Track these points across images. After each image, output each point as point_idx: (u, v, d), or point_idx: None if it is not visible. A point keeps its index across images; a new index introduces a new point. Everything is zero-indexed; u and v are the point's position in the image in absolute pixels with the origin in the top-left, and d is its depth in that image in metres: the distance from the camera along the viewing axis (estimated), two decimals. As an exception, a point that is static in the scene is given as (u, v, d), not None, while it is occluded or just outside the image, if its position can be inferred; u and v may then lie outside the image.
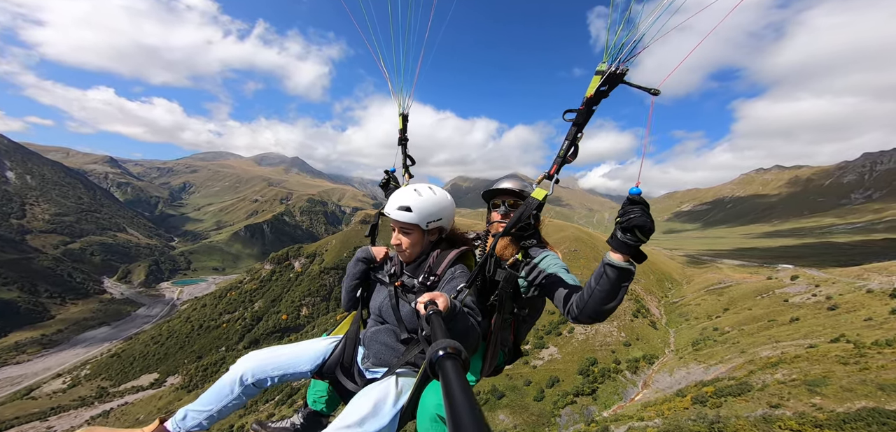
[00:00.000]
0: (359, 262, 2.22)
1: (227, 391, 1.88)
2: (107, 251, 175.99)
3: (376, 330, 2.01)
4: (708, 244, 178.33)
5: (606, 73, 1.68)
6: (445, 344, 0.97)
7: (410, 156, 3.05)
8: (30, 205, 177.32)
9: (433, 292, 1.55)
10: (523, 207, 1.88)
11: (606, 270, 1.61)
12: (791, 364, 25.44)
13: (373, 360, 1.94)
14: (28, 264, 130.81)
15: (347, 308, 2.29)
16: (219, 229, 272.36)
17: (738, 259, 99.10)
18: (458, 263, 2.03)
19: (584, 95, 1.75)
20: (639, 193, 1.55)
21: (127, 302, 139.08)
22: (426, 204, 2.00)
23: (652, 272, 76.59)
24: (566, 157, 1.81)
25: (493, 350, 2.05)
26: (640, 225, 1.50)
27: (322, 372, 2.02)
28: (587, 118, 1.76)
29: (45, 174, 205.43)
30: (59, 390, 79.38)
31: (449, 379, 0.82)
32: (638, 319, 50.65)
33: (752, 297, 48.54)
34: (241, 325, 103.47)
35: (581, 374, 41.22)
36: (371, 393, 1.66)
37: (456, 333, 1.52)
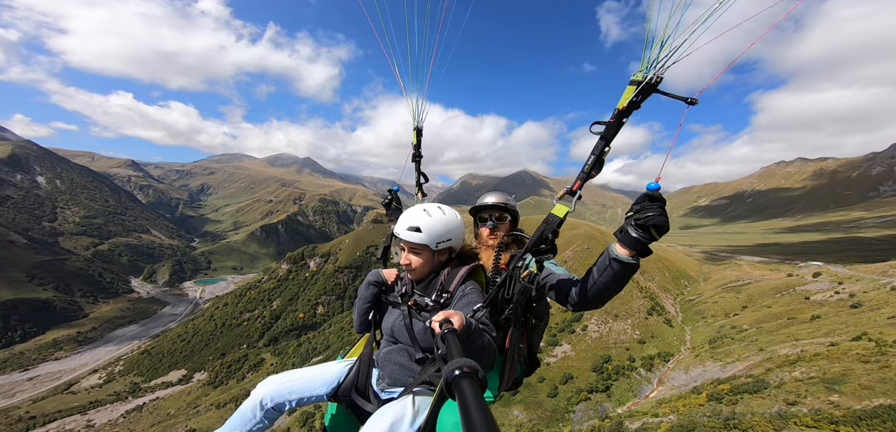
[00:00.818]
0: (370, 286, 2.25)
1: (249, 416, 1.94)
2: (133, 252, 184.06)
3: (390, 350, 2.02)
4: (726, 240, 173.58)
5: (642, 82, 1.60)
6: (462, 362, 0.97)
7: (424, 174, 2.99)
8: (61, 209, 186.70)
9: (448, 310, 1.54)
10: (544, 225, 1.85)
11: (611, 264, 1.58)
12: (810, 362, 25.32)
13: (387, 381, 1.95)
14: (61, 265, 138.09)
15: (360, 331, 2.34)
16: (236, 229, 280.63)
17: (758, 255, 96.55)
18: (470, 280, 2.07)
19: (616, 107, 1.66)
20: (658, 189, 1.50)
21: (153, 301, 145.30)
22: (436, 224, 2.04)
23: (667, 269, 75.60)
24: (590, 173, 1.76)
25: (510, 364, 2.08)
26: (657, 224, 1.45)
27: (338, 395, 2.06)
28: (617, 131, 1.69)
29: (74, 178, 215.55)
30: (96, 385, 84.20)
31: (466, 398, 0.82)
32: (652, 317, 50.41)
33: (771, 295, 47.65)
34: (261, 323, 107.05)
35: (595, 371, 41.50)
36: (387, 413, 1.64)
37: (472, 351, 1.53)
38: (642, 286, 61.30)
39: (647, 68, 1.62)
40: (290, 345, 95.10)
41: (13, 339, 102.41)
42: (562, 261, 56.35)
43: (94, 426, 65.20)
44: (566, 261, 71.48)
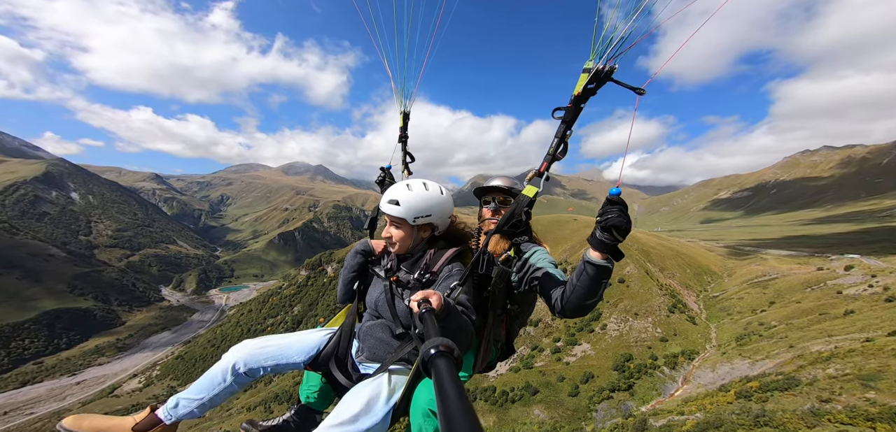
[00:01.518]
0: (357, 255, 2.27)
1: (218, 379, 1.88)
2: (161, 262, 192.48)
3: (371, 324, 2.03)
4: (751, 233, 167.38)
5: (593, 70, 1.72)
6: (438, 342, 0.98)
7: (410, 154, 3.08)
8: (94, 223, 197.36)
9: (427, 290, 1.56)
10: (514, 205, 1.99)
11: (586, 267, 1.68)
12: (844, 358, 24.78)
13: (367, 354, 1.96)
14: (99, 276, 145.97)
15: (343, 300, 2.33)
16: (255, 238, 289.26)
17: (785, 248, 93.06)
18: (455, 261, 2.08)
19: (572, 93, 1.81)
20: (618, 194, 1.61)
21: (183, 308, 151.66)
22: (415, 199, 2.03)
23: (688, 266, 73.92)
24: (556, 155, 1.91)
25: (485, 346, 2.13)
26: (616, 225, 1.57)
27: (316, 363, 2.04)
28: (575, 116, 1.83)
29: (104, 193, 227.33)
30: (137, 389, 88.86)
31: (441, 377, 0.83)
32: (675, 314, 49.63)
33: (800, 290, 46.17)
34: (284, 329, 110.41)
35: (616, 370, 41.30)
36: (364, 390, 1.66)
37: (449, 331, 1.55)
38: (662, 283, 60.29)
39: (598, 56, 1.68)
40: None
41: (59, 346, 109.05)
42: (578, 260, 57.02)
43: None
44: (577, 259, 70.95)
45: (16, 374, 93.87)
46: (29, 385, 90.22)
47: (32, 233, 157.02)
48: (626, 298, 56.26)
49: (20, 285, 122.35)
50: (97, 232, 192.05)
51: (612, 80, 1.70)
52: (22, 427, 70.78)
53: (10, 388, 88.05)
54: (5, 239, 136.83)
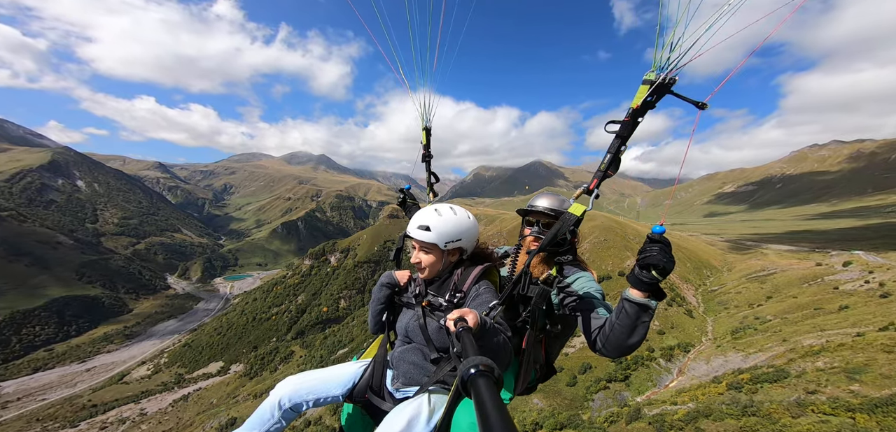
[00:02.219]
0: (383, 288, 2.27)
1: (267, 415, 1.96)
2: (167, 250, 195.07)
3: (404, 349, 2.03)
4: (754, 227, 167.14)
5: (655, 83, 1.64)
6: (478, 361, 0.96)
7: (435, 174, 2.99)
8: (100, 211, 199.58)
9: (462, 309, 1.54)
10: (559, 224, 1.91)
11: (625, 306, 1.64)
12: (834, 352, 25.50)
13: (402, 380, 1.96)
14: (106, 264, 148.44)
15: (375, 332, 2.36)
16: (259, 227, 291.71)
17: (787, 244, 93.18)
18: (483, 280, 2.09)
19: (630, 106, 1.71)
20: (661, 232, 1.54)
21: (188, 297, 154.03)
22: (446, 225, 2.06)
23: (688, 259, 74.42)
24: (607, 172, 1.80)
25: (525, 367, 2.07)
26: (656, 264, 1.51)
27: (353, 395, 2.07)
28: (632, 130, 1.73)
29: (109, 182, 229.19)
30: (145, 376, 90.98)
31: (482, 396, 0.81)
32: (672, 308, 50.42)
33: (798, 285, 46.73)
34: (288, 317, 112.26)
35: (614, 361, 42.32)
36: (404, 411, 1.67)
37: (487, 350, 1.53)
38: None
39: (660, 68, 1.64)
40: (316, 339, 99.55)
41: (69, 333, 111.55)
42: (580, 253, 57.94)
43: (146, 414, 70.58)
44: (584, 254, 71.46)
45: (27, 361, 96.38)
46: (40, 371, 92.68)
47: (40, 220, 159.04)
48: (625, 291, 57.12)
49: (29, 272, 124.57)
50: (103, 220, 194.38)
51: (672, 93, 1.64)
52: (35, 412, 73.02)
53: (22, 374, 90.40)
54: (14, 226, 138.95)
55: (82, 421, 69.08)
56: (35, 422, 68.82)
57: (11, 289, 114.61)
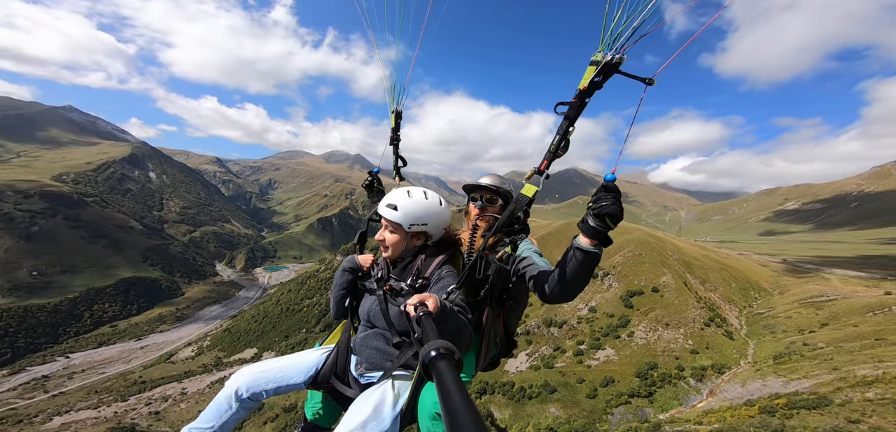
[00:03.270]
0: (345, 273, 2.26)
1: (224, 407, 1.93)
2: (218, 239, 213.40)
3: (366, 335, 2.05)
4: (818, 249, 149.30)
5: (602, 62, 1.65)
6: (438, 344, 0.99)
7: (402, 158, 3.04)
8: (166, 200, 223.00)
9: (423, 294, 1.56)
10: (513, 205, 1.97)
11: (575, 253, 1.68)
12: (888, 384, 22.78)
13: (366, 365, 1.97)
14: (166, 249, 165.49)
15: (337, 317, 2.35)
16: (297, 221, 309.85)
17: (857, 269, 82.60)
18: (447, 265, 2.10)
19: (578, 87, 1.72)
20: (613, 180, 1.60)
21: (232, 284, 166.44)
22: (413, 207, 2.07)
23: (733, 279, 68.64)
24: (557, 152, 1.85)
25: (486, 344, 2.13)
26: (610, 213, 1.56)
27: (316, 381, 2.06)
28: (579, 111, 1.76)
29: (175, 174, 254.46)
30: (189, 357, 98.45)
31: (443, 379, 0.84)
32: (710, 328, 46.99)
33: (860, 313, 41.51)
34: (318, 310, 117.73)
35: (638, 377, 40.37)
36: (370, 398, 1.69)
37: (448, 333, 1.55)
38: (701, 296, 56.91)
39: (607, 48, 1.65)
40: (338, 332, 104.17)
41: (131, 311, 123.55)
42: (611, 266, 54.62)
43: (186, 393, 75.71)
44: (615, 267, 68.56)
45: (95, 335, 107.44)
46: (104, 346, 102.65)
47: (118, 207, 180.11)
48: (658, 307, 54.01)
49: (105, 253, 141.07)
50: (168, 208, 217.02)
51: (619, 71, 1.67)
52: (94, 385, 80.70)
53: (89, 347, 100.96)
54: (97, 211, 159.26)
55: (132, 396, 75.48)
56: (93, 394, 76.12)
57: (89, 268, 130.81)
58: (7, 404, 71.55)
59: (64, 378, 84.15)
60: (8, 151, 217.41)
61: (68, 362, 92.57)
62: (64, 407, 70.29)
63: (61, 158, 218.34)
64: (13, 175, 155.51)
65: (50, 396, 75.29)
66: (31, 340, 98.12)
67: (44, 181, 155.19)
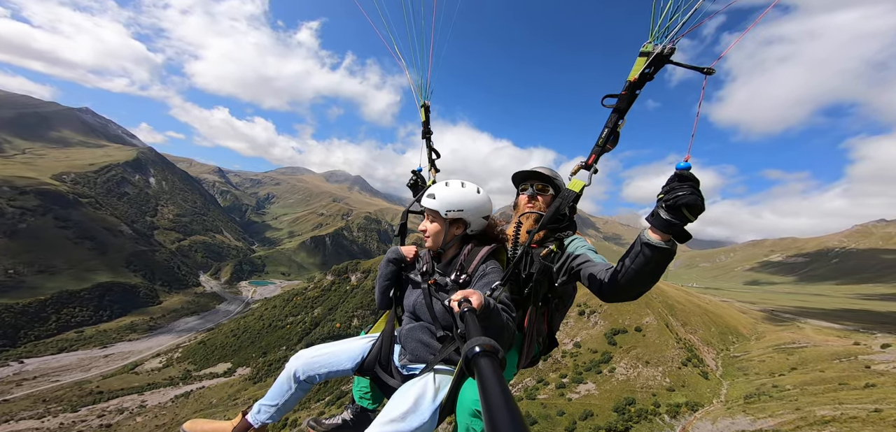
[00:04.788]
0: (389, 263, 2.29)
1: (285, 387, 2.10)
2: (206, 249, 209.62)
3: (411, 327, 2.07)
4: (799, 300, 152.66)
5: (653, 53, 1.58)
6: (481, 341, 0.99)
7: (436, 150, 2.95)
8: (161, 206, 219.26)
9: (467, 290, 1.56)
10: (559, 200, 1.94)
11: (643, 249, 1.52)
12: (844, 423, 24.21)
13: (409, 357, 2.00)
14: (152, 256, 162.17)
15: (381, 307, 2.38)
16: (290, 237, 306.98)
17: (832, 321, 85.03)
18: (491, 259, 2.07)
19: (627, 79, 1.67)
20: (688, 168, 1.43)
21: (214, 296, 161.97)
22: (450, 193, 2.10)
23: (714, 323, 70.36)
24: (605, 146, 1.78)
25: (528, 342, 2.09)
26: (689, 203, 1.38)
27: (363, 369, 2.14)
28: (630, 103, 1.69)
29: (175, 181, 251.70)
30: (156, 368, 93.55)
31: (485, 376, 0.84)
32: (687, 367, 48.09)
33: (827, 360, 43.23)
34: (302, 328, 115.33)
35: (616, 411, 40.87)
36: (411, 389, 1.71)
37: (491, 331, 1.53)
38: (681, 337, 58.31)
39: (657, 39, 1.60)
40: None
41: (102, 318, 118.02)
42: (597, 304, 56.08)
43: (145, 406, 71.57)
44: (602, 306, 69.83)
45: (56, 340, 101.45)
46: (64, 352, 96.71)
47: (112, 209, 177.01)
48: (640, 346, 55.17)
49: (88, 255, 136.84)
50: (161, 215, 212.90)
51: (671, 62, 1.58)
52: (44, 393, 75.32)
53: (47, 353, 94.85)
54: (89, 212, 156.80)
55: (84, 406, 70.63)
56: (41, 403, 70.37)
57: (67, 269, 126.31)
58: (-61, 411, 66.14)
59: (12, 384, 78.49)
60: (14, 147, 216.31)
61: (21, 368, 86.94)
62: (3, 415, 65.52)
63: (65, 158, 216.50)
64: (13, 171, 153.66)
65: None
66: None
67: (42, 179, 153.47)
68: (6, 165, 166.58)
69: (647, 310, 65.79)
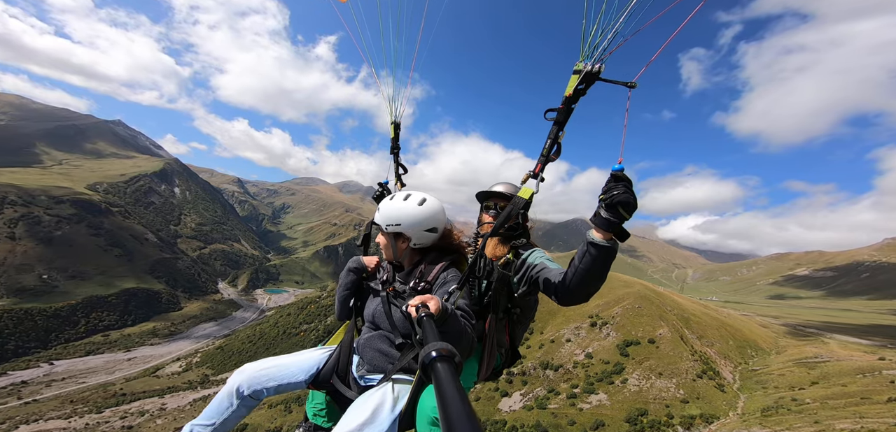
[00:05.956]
0: (350, 272, 2.29)
1: (225, 404, 1.92)
2: (225, 258, 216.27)
3: (370, 336, 2.05)
4: (826, 315, 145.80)
5: (583, 71, 1.76)
6: (438, 346, 0.97)
7: (403, 165, 3.10)
8: (184, 215, 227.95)
9: (425, 295, 1.56)
10: (510, 206, 1.99)
11: (589, 249, 1.61)
12: (861, 437, 23.82)
13: (367, 367, 1.97)
14: (174, 263, 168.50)
15: (341, 318, 2.35)
16: (305, 247, 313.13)
17: (860, 336, 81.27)
18: (451, 268, 2.11)
19: (564, 95, 1.83)
20: (622, 169, 1.54)
21: (231, 303, 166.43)
22: (389, 208, 2.10)
23: (731, 337, 68.47)
24: (549, 156, 1.92)
25: (489, 352, 2.09)
26: (623, 202, 1.49)
27: (318, 381, 2.06)
28: (567, 116, 1.86)
29: (198, 191, 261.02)
30: (176, 372, 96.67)
31: (441, 380, 0.83)
32: (702, 380, 47.25)
33: (850, 374, 41.76)
34: (315, 336, 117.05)
35: (628, 422, 40.58)
36: (369, 400, 1.67)
37: (449, 336, 1.53)
38: (696, 350, 57.19)
39: (587, 58, 1.78)
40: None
41: (127, 322, 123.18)
42: (610, 316, 56.42)
43: (165, 409, 73.81)
44: (614, 317, 69.17)
45: (84, 344, 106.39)
46: (91, 355, 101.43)
47: (139, 218, 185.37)
48: (653, 358, 54.42)
49: (116, 262, 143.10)
50: (184, 224, 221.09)
51: (601, 79, 1.76)
52: (71, 394, 78.75)
53: (75, 355, 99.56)
54: (118, 220, 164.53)
55: (108, 407, 73.41)
56: (68, 403, 73.19)
57: (97, 275, 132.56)
58: (-26, 409, 69.64)
59: (42, 385, 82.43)
60: (52, 159, 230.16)
61: (50, 369, 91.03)
62: (33, 415, 68.63)
63: (99, 168, 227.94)
64: (50, 181, 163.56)
65: (22, 403, 73.69)
66: (21, 344, 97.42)
67: (76, 189, 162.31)
68: (44, 176, 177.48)
69: (660, 322, 64.73)
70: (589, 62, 1.76)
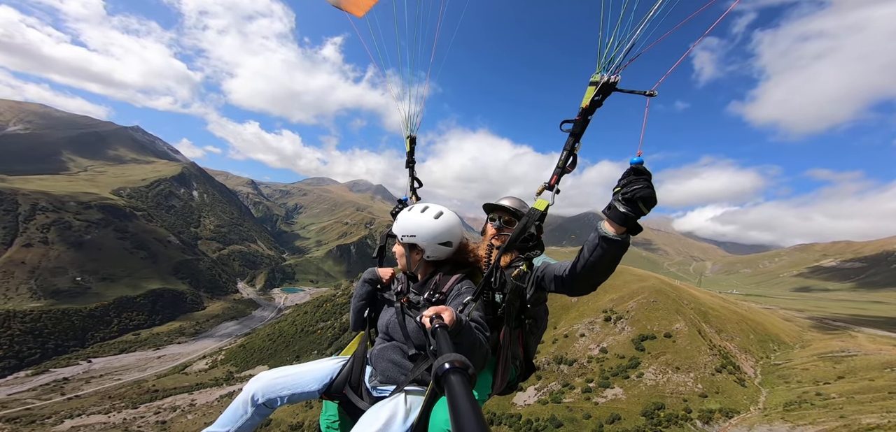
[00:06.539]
0: (365, 284, 2.34)
1: (240, 411, 1.96)
2: (242, 258, 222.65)
3: (383, 347, 2.05)
4: (855, 308, 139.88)
5: (600, 83, 1.75)
6: (451, 357, 0.97)
7: (418, 179, 3.12)
8: (203, 218, 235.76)
9: (439, 306, 1.55)
10: (525, 219, 1.95)
11: (600, 243, 1.59)
12: (889, 430, 23.28)
13: (380, 378, 1.97)
14: (196, 264, 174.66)
15: (355, 328, 2.40)
16: (318, 246, 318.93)
17: (894, 330, 77.89)
18: (466, 280, 2.13)
19: (580, 105, 1.83)
20: (641, 162, 1.51)
21: (250, 303, 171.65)
22: (404, 218, 2.16)
23: (753, 331, 66.78)
24: (565, 167, 1.90)
25: (503, 364, 2.07)
26: (644, 197, 1.46)
27: (330, 391, 2.08)
28: (583, 128, 1.84)
29: (214, 194, 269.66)
30: (202, 369, 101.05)
31: (454, 392, 0.82)
32: (722, 374, 46.46)
33: (878, 369, 40.33)
34: (332, 333, 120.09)
35: (644, 416, 40.40)
36: (381, 411, 1.65)
37: (463, 347, 1.52)
38: (715, 344, 56.16)
39: (604, 69, 1.78)
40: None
41: (155, 322, 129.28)
42: (624, 310, 56.29)
43: (195, 405, 77.35)
44: (628, 312, 68.46)
45: (118, 342, 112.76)
46: (124, 353, 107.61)
47: (161, 221, 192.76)
48: (669, 352, 53.76)
49: (142, 264, 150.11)
50: (203, 226, 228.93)
51: (617, 90, 1.74)
52: (109, 390, 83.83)
53: (110, 353, 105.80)
54: (142, 224, 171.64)
55: (143, 403, 76.56)
56: (107, 399, 77.69)
57: (125, 277, 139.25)
58: (24, 404, 74.35)
59: (82, 382, 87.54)
60: (78, 165, 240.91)
61: (89, 366, 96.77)
62: (76, 410, 72.77)
63: (122, 174, 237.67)
64: (78, 187, 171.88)
65: (65, 399, 78.17)
66: (60, 343, 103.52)
67: (103, 194, 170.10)
68: (72, 182, 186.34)
69: (677, 316, 63.69)
70: (605, 73, 1.76)
